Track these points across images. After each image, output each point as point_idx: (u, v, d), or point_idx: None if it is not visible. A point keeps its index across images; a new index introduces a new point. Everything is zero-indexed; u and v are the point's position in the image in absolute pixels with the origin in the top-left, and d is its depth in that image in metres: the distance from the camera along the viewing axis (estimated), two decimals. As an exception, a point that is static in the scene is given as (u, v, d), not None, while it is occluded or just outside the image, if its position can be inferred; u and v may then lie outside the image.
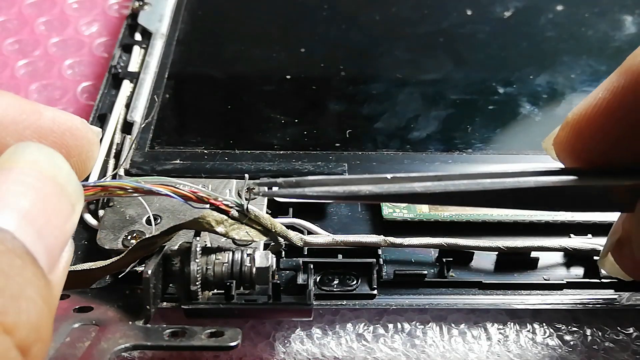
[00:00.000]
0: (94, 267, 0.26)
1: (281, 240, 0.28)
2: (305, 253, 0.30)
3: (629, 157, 0.23)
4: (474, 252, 0.30)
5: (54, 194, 0.19)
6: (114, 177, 0.33)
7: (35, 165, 0.19)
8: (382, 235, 0.29)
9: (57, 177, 0.19)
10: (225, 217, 0.26)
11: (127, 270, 0.27)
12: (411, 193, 0.23)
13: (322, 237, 0.29)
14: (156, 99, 0.35)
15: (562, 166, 0.25)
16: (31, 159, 0.19)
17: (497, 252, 0.30)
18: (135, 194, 0.26)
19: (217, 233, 0.26)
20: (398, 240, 0.29)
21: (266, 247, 0.28)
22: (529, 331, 0.30)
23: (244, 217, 0.26)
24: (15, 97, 0.23)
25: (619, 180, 0.23)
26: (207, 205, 0.26)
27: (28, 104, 0.23)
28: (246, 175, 0.26)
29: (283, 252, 0.29)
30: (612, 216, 0.30)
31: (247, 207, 0.26)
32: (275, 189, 0.24)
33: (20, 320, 0.16)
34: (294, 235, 0.28)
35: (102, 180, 0.25)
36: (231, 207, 0.26)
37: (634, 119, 0.22)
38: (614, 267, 0.26)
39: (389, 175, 0.23)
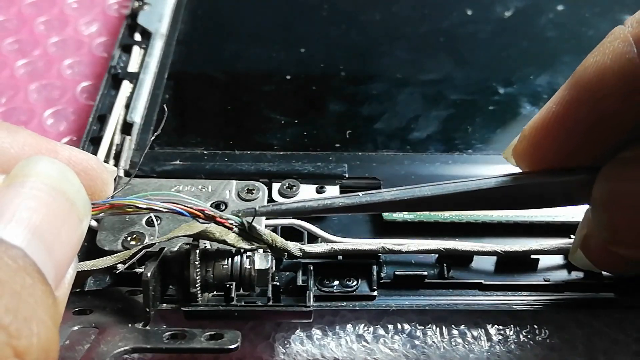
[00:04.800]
0: (94, 267, 0.26)
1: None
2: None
3: (583, 161, 0.25)
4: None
5: (64, 210, 0.19)
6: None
7: (47, 180, 0.19)
8: (380, 242, 0.29)
9: (67, 192, 0.19)
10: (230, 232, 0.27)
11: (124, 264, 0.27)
12: (381, 202, 0.26)
13: (320, 246, 0.30)
14: (165, 109, 0.35)
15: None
16: (43, 173, 0.19)
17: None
18: (147, 212, 0.26)
19: (226, 243, 0.26)
20: (397, 247, 0.29)
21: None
22: (529, 332, 0.30)
23: (246, 234, 0.27)
24: (32, 135, 0.23)
25: (573, 177, 0.25)
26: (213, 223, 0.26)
27: (44, 142, 0.23)
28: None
29: (283, 254, 0.29)
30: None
31: (249, 227, 0.27)
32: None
33: (32, 343, 0.16)
34: (292, 247, 0.28)
35: (112, 198, 0.25)
36: (235, 225, 0.26)
37: (583, 129, 0.24)
38: (583, 260, 0.28)
39: (360, 194, 0.26)
